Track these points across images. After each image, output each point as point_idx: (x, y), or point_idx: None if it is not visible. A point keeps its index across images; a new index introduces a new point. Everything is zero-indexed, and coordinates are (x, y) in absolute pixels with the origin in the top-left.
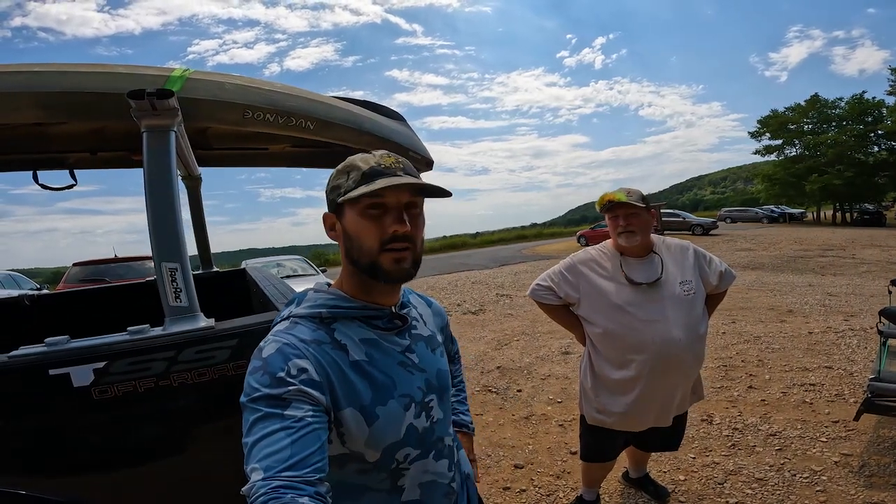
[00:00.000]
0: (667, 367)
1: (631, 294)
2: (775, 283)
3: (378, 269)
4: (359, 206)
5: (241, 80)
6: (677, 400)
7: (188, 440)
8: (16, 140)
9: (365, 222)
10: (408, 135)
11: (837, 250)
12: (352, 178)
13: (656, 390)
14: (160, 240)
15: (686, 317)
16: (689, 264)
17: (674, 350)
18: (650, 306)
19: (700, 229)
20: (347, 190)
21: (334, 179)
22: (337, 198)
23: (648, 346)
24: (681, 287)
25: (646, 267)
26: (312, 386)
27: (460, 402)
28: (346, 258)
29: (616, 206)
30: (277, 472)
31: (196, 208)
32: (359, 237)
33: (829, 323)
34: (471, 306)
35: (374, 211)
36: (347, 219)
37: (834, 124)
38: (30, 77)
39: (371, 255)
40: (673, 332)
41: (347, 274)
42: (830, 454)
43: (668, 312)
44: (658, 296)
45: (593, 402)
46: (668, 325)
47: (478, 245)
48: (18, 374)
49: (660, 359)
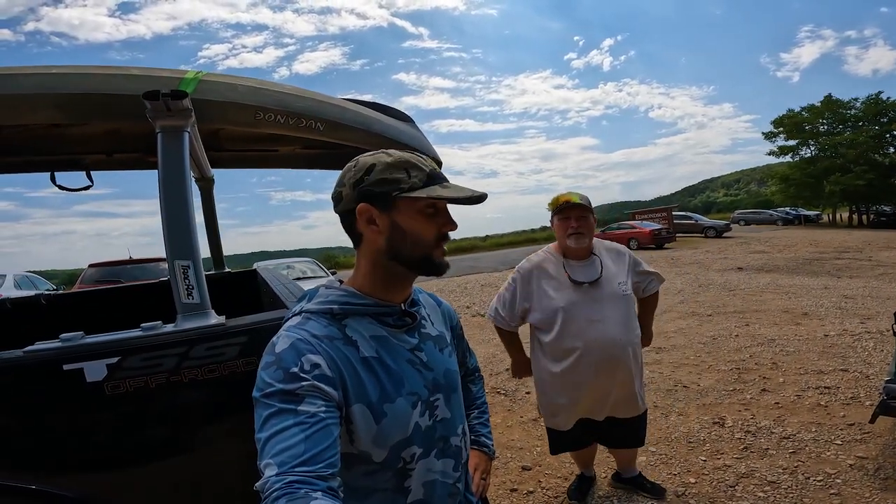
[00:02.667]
0: (608, 364)
1: (573, 294)
2: (790, 285)
3: (431, 262)
4: (419, 204)
5: (253, 81)
6: (628, 391)
7: (198, 436)
8: (34, 142)
9: (423, 219)
10: (416, 136)
11: (854, 252)
12: (415, 176)
13: (602, 384)
14: (173, 237)
15: (624, 315)
16: (624, 266)
17: (613, 349)
18: (591, 306)
19: (713, 232)
20: (413, 187)
21: (385, 173)
22: (392, 192)
23: (589, 345)
24: (619, 286)
25: (587, 268)
26: (325, 381)
27: (482, 424)
28: (385, 253)
29: (569, 208)
30: (291, 467)
31: (209, 210)
32: (418, 232)
33: (844, 326)
34: (480, 308)
35: (431, 210)
36: (403, 214)
37: (850, 125)
38: (48, 79)
39: (427, 248)
40: (612, 331)
41: (370, 270)
42: (845, 457)
43: (607, 312)
44: (598, 295)
45: (547, 408)
46: (607, 325)
47: (487, 248)
48: (33, 368)
49: (601, 357)
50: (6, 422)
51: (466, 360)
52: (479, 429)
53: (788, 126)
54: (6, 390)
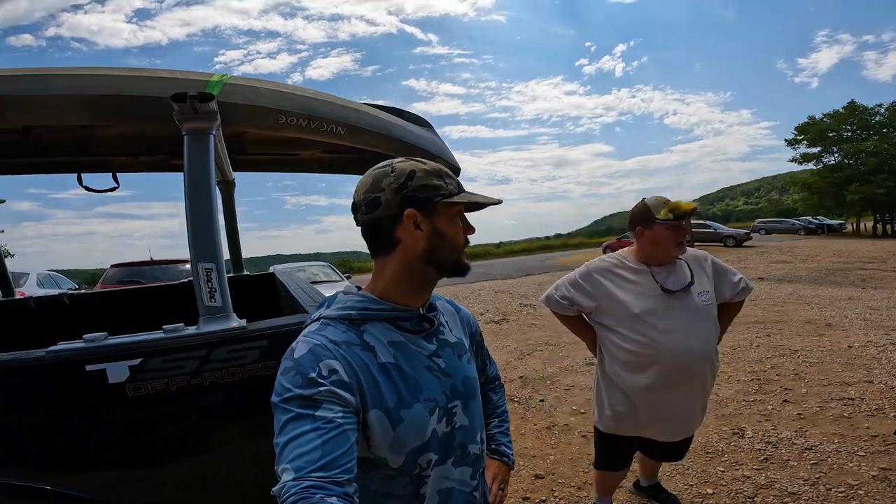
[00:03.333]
0: (683, 377)
1: (652, 303)
2: (813, 296)
3: (460, 264)
4: (454, 210)
5: (276, 85)
6: (697, 410)
7: (217, 440)
8: (62, 143)
9: (457, 224)
10: (435, 141)
11: (878, 263)
12: (450, 183)
13: (674, 400)
14: (198, 240)
15: (703, 326)
16: (706, 274)
17: (690, 360)
18: (669, 315)
19: (732, 241)
20: (452, 193)
21: (427, 179)
22: (434, 197)
23: (665, 355)
24: (699, 297)
25: (674, 274)
26: (342, 387)
27: (502, 433)
28: (424, 256)
29: (687, 215)
30: (308, 472)
31: (229, 213)
32: (454, 236)
33: (869, 337)
34: (493, 315)
35: (461, 216)
36: (443, 219)
37: (874, 131)
38: (78, 80)
39: (458, 251)
40: (690, 342)
41: (403, 273)
42: (868, 468)
43: (685, 322)
44: (680, 304)
45: (607, 411)
46: (685, 335)
47: (501, 255)
48: (56, 369)
49: (677, 369)
50: (27, 422)
51: (486, 367)
52: (499, 437)
53: (811, 133)
54: (28, 391)
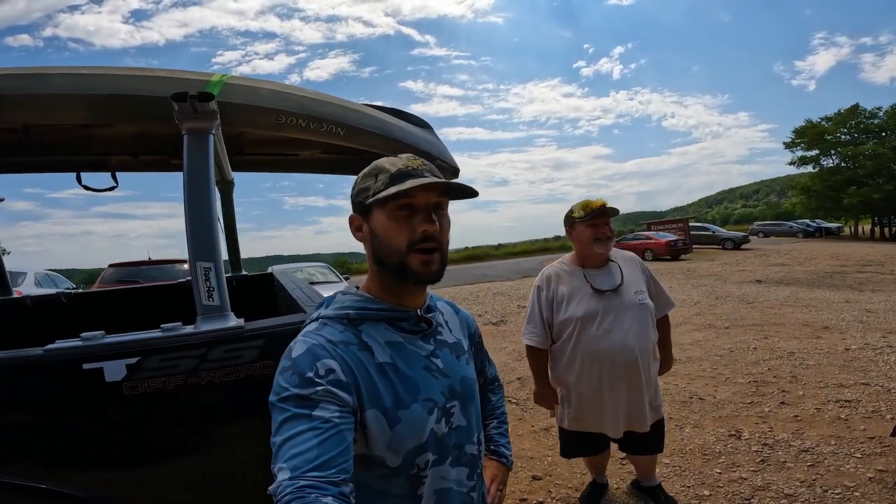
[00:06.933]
0: (624, 374)
1: (591, 304)
2: (810, 298)
3: (407, 269)
4: (388, 207)
5: (275, 85)
6: (642, 404)
7: (214, 439)
8: (62, 142)
9: (394, 223)
10: (434, 143)
11: (876, 266)
12: (380, 180)
13: (618, 397)
14: (196, 239)
15: (639, 324)
16: (639, 274)
17: (629, 357)
18: (608, 315)
19: (730, 244)
20: (377, 191)
21: (361, 182)
22: (365, 199)
23: (606, 354)
24: (636, 295)
25: (606, 276)
26: (340, 387)
27: (501, 434)
28: (373, 260)
29: (603, 213)
30: (304, 472)
31: (228, 213)
32: (388, 237)
33: (866, 340)
34: (492, 317)
35: (403, 212)
36: (376, 220)
37: (873, 135)
38: (78, 79)
39: (399, 254)
40: (628, 340)
41: (373, 276)
42: (865, 470)
43: (624, 321)
44: (617, 303)
45: (565, 410)
46: (623, 335)
47: (500, 256)
48: (53, 367)
49: (616, 366)
50: (24, 420)
51: (485, 368)
52: (498, 438)
53: (810, 136)
54: (25, 389)
